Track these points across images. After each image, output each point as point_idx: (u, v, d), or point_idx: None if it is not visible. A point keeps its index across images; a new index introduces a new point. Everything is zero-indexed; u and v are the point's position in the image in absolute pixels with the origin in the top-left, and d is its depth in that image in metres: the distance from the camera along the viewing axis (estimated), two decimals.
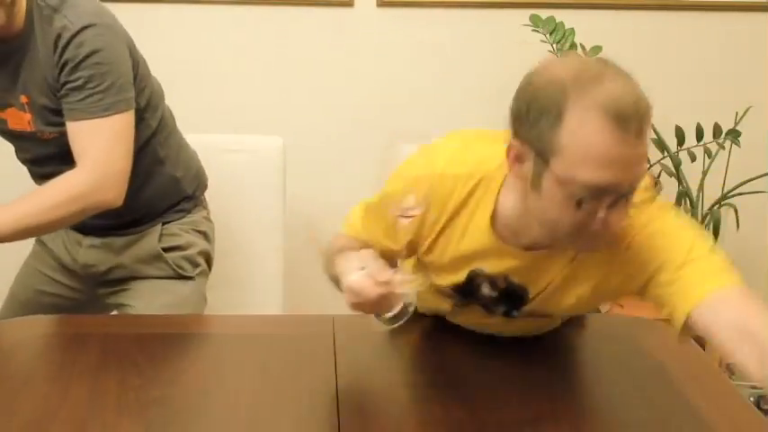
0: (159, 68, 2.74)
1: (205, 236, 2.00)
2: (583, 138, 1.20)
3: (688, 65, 2.84)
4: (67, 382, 1.42)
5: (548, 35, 2.59)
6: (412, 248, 1.52)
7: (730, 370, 2.88)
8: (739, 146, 2.64)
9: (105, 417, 1.21)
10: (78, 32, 1.65)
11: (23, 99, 1.73)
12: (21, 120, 1.77)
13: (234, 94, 2.76)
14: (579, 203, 1.23)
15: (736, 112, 2.67)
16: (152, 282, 1.92)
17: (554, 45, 2.59)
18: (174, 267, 1.92)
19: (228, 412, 1.41)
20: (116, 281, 1.94)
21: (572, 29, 2.60)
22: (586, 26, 2.66)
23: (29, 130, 1.78)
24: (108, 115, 1.68)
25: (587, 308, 1.60)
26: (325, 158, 2.80)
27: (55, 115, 1.73)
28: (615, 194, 1.23)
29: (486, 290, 1.49)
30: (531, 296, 1.48)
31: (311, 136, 2.79)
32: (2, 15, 1.62)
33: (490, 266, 1.46)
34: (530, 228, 1.35)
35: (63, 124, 1.71)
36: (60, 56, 1.66)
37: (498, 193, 1.39)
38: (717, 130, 2.65)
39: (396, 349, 1.70)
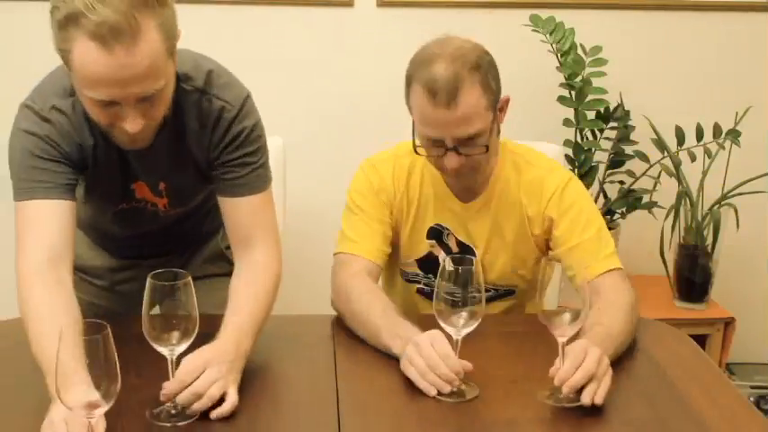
0: None
1: None
2: (414, 101, 1.71)
3: (688, 65, 2.84)
4: None
5: (548, 35, 2.59)
6: (394, 231, 1.89)
7: (730, 370, 2.89)
8: (739, 146, 2.64)
9: (105, 417, 1.21)
10: (240, 111, 1.62)
11: (162, 186, 1.69)
12: (153, 197, 1.72)
13: None
14: (427, 151, 1.76)
15: (736, 112, 2.67)
16: (211, 280, 1.91)
17: (554, 45, 2.59)
18: (232, 263, 1.80)
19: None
20: None
21: (572, 29, 2.60)
22: (586, 26, 2.66)
23: (161, 208, 1.75)
24: (268, 188, 1.68)
25: (519, 260, 1.88)
26: (324, 158, 2.80)
27: (189, 195, 1.75)
28: (444, 146, 1.70)
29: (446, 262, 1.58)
30: (478, 254, 1.84)
31: (311, 135, 2.79)
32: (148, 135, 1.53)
33: (445, 219, 1.86)
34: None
35: (191, 201, 1.76)
36: (223, 135, 1.61)
37: None
38: (717, 130, 2.65)
39: None
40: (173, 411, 1.38)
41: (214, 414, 1.38)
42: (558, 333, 1.45)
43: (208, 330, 1.68)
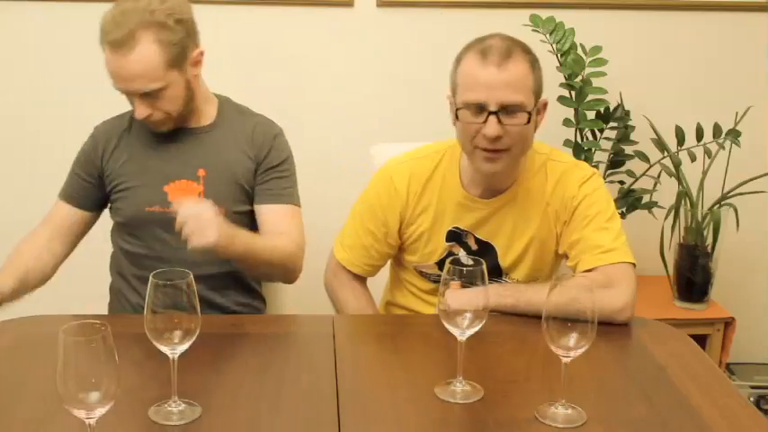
0: None
1: None
2: (463, 70, 1.76)
3: (688, 65, 2.84)
4: None
5: (548, 35, 2.59)
6: (401, 235, 1.95)
7: (730, 370, 2.89)
8: (739, 146, 2.64)
9: (105, 417, 1.21)
10: (277, 134, 2.02)
11: (201, 172, 1.94)
12: (188, 191, 1.94)
13: (233, 94, 2.75)
14: (467, 120, 1.73)
15: (736, 112, 2.67)
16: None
17: (554, 45, 2.59)
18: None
19: (229, 412, 1.41)
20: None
21: (572, 29, 2.60)
22: (586, 26, 2.66)
23: None
24: (299, 206, 2.02)
25: (541, 262, 1.91)
26: (324, 157, 2.80)
27: (230, 192, 1.95)
28: (486, 112, 1.70)
29: (463, 259, 1.67)
30: (498, 253, 1.88)
31: (311, 135, 2.79)
32: (168, 123, 1.92)
33: (464, 222, 1.88)
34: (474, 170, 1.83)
35: (235, 205, 1.95)
36: (264, 148, 1.98)
37: (460, 159, 1.88)
38: (717, 130, 2.65)
39: (396, 349, 1.70)
40: (173, 408, 1.39)
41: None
42: None
43: (209, 330, 1.68)
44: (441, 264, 1.92)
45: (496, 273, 1.90)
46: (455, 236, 1.90)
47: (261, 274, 2.01)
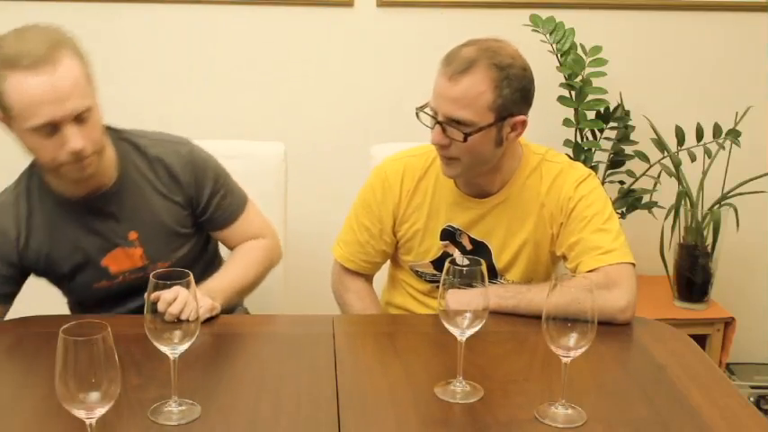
0: (157, 70, 2.75)
1: None
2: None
3: (688, 65, 2.84)
4: None
5: (548, 35, 2.59)
6: (395, 233, 1.95)
7: (730, 370, 2.89)
8: (739, 146, 2.64)
9: (105, 416, 1.21)
10: (187, 156, 1.84)
11: (132, 235, 1.81)
12: (129, 258, 1.83)
13: (233, 94, 2.76)
14: (425, 121, 1.76)
15: (736, 112, 2.67)
16: None
17: (554, 45, 2.59)
18: None
19: (229, 412, 1.41)
20: None
21: (572, 29, 2.60)
22: (586, 26, 2.66)
23: (139, 265, 1.84)
24: (246, 199, 1.94)
25: (536, 262, 1.90)
26: (324, 157, 2.80)
27: (173, 240, 1.86)
28: (436, 118, 1.72)
29: (458, 258, 1.81)
30: (493, 253, 1.87)
31: (310, 135, 2.79)
32: (94, 164, 1.68)
33: (457, 220, 1.87)
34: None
35: (180, 249, 1.87)
36: (191, 184, 1.84)
37: None
38: (717, 130, 2.65)
39: (396, 349, 1.70)
40: (173, 408, 1.39)
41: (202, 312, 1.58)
42: None
43: (209, 330, 1.68)
44: (435, 263, 1.92)
45: (491, 273, 1.89)
46: (449, 235, 1.90)
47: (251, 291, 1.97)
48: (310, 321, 1.80)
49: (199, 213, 1.89)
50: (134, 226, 1.81)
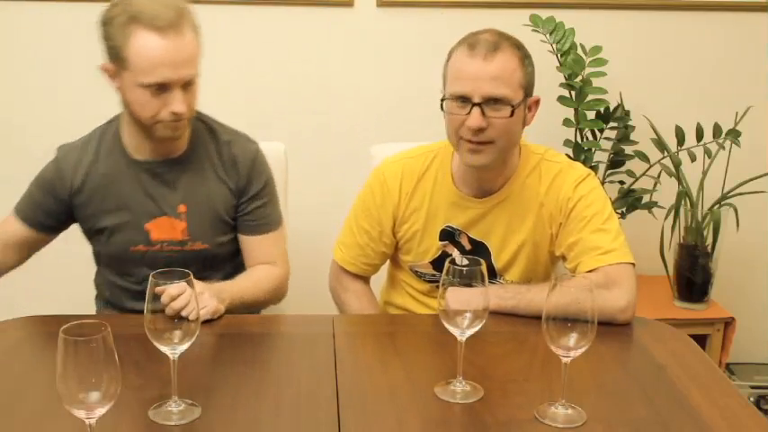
0: None
1: None
2: (452, 62, 1.79)
3: (688, 65, 2.84)
4: None
5: (548, 35, 2.59)
6: (395, 234, 1.96)
7: (730, 370, 2.89)
8: (739, 146, 2.64)
9: (105, 416, 1.21)
10: (255, 156, 1.93)
11: (181, 208, 1.88)
12: (171, 229, 1.89)
13: (232, 94, 2.76)
14: (452, 111, 1.75)
15: (736, 112, 2.67)
16: None
17: (554, 45, 2.59)
18: None
19: (229, 412, 1.41)
20: None
21: (572, 29, 2.60)
22: (586, 26, 2.66)
23: (179, 239, 1.90)
24: (281, 224, 1.99)
25: (535, 262, 1.91)
26: (324, 157, 2.80)
27: (216, 224, 1.91)
28: (470, 103, 1.72)
29: (457, 258, 1.84)
30: (492, 253, 1.88)
31: (310, 135, 2.79)
32: (184, 128, 1.81)
33: (456, 221, 1.88)
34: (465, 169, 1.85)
35: (220, 236, 1.91)
36: (243, 177, 1.91)
37: (452, 158, 1.89)
38: (717, 130, 2.65)
39: (396, 349, 1.70)
40: (173, 408, 1.39)
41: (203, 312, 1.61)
42: None
43: (209, 330, 1.68)
44: (435, 263, 1.93)
45: (491, 273, 1.89)
46: (448, 235, 1.90)
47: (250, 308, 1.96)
48: (310, 321, 1.80)
49: (238, 207, 1.93)
50: (186, 199, 1.87)
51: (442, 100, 1.78)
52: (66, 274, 2.46)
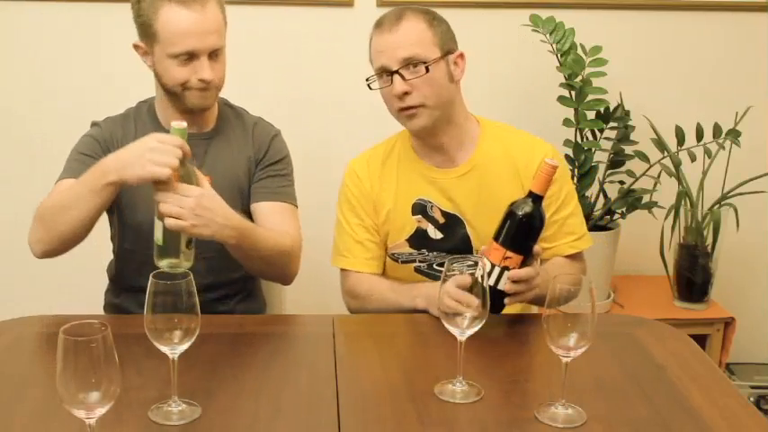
0: None
1: None
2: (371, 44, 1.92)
3: (688, 65, 2.84)
4: None
5: (548, 35, 2.59)
6: (377, 221, 1.98)
7: (730, 370, 2.89)
8: (739, 146, 2.64)
9: (105, 416, 1.21)
10: (275, 135, 2.05)
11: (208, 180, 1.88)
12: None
13: (232, 94, 2.75)
14: (380, 87, 1.88)
15: (736, 112, 2.67)
16: None
17: (554, 45, 2.59)
18: None
19: (228, 412, 1.41)
20: None
21: (572, 29, 2.60)
22: (586, 26, 2.66)
23: None
24: (296, 206, 2.02)
25: None
26: (324, 157, 2.80)
27: (237, 196, 1.95)
28: (391, 75, 1.83)
29: (431, 232, 1.93)
30: (466, 224, 1.92)
31: (310, 135, 2.79)
32: (213, 98, 1.92)
33: (426, 192, 1.93)
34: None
35: (238, 209, 1.87)
36: (262, 148, 2.00)
37: (411, 138, 1.98)
38: (717, 130, 2.65)
39: (396, 349, 1.70)
40: (173, 408, 1.39)
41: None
42: None
43: (209, 330, 1.68)
44: (411, 240, 1.96)
45: (466, 243, 1.93)
46: (421, 209, 1.95)
47: (257, 265, 1.91)
48: (310, 321, 1.80)
49: (255, 175, 1.99)
50: (211, 172, 1.89)
51: (368, 80, 1.89)
52: (66, 275, 2.46)
